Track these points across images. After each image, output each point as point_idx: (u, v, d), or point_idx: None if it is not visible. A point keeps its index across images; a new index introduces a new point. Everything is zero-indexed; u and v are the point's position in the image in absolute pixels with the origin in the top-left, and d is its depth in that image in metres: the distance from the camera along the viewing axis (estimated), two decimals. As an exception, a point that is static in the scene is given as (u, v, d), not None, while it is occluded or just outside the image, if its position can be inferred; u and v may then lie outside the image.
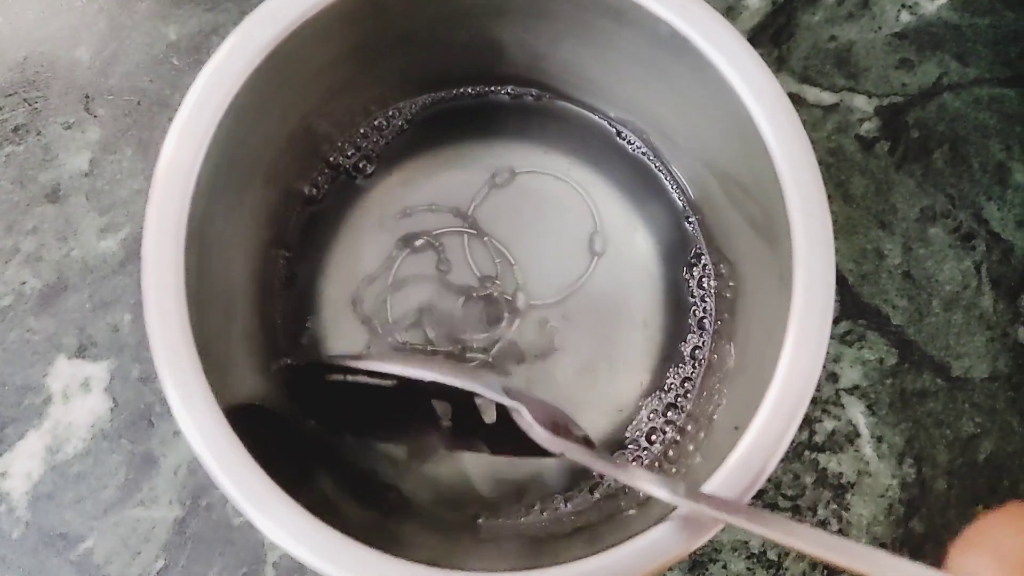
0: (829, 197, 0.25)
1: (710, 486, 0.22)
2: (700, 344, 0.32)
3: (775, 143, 0.24)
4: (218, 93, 0.24)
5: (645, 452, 0.31)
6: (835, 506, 0.33)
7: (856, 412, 0.34)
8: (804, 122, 0.36)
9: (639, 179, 0.33)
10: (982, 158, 0.36)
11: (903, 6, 0.37)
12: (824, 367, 0.34)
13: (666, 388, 0.31)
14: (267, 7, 0.24)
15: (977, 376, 0.34)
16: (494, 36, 0.29)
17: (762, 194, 0.25)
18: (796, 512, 0.33)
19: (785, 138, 0.24)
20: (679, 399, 0.31)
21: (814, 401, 0.34)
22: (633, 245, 0.33)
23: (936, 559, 0.33)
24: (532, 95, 0.33)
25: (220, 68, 0.24)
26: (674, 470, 0.28)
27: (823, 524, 0.33)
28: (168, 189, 0.23)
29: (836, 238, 0.35)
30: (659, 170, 0.33)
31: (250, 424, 0.24)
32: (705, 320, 0.32)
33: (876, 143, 0.36)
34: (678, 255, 0.32)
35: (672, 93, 0.28)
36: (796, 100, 0.36)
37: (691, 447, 0.29)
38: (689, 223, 0.32)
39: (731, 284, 0.31)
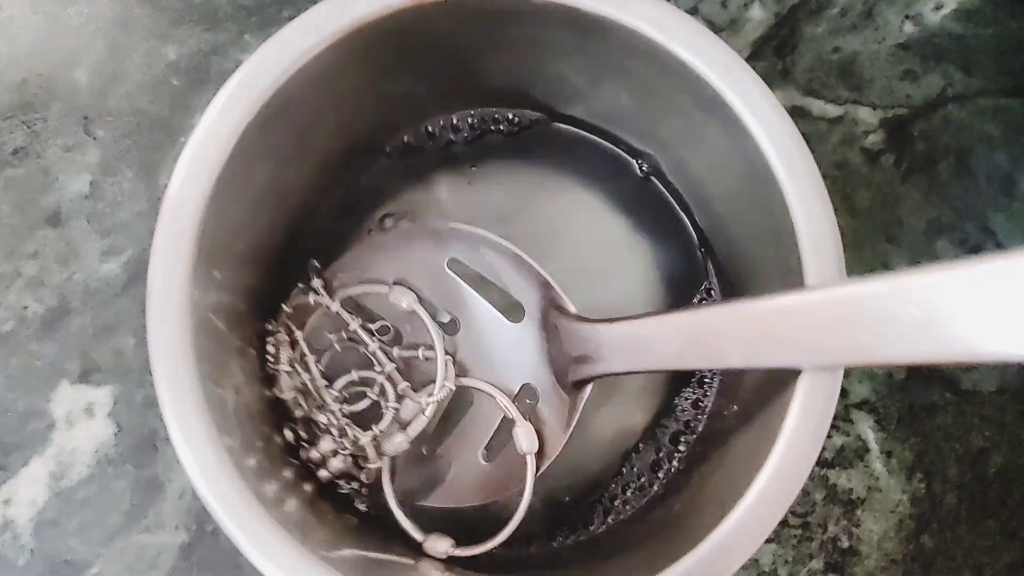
0: (835, 210, 0.24)
1: (729, 521, 0.22)
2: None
3: (790, 188, 0.23)
4: (228, 124, 0.23)
5: (645, 481, 0.30)
6: (845, 522, 0.33)
7: (865, 427, 0.34)
8: (809, 135, 0.36)
9: (651, 210, 0.32)
10: (988, 169, 0.35)
11: (906, 17, 0.37)
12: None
13: (676, 414, 0.31)
14: (282, 35, 0.24)
15: (986, 389, 0.34)
16: (512, 63, 0.29)
17: (773, 235, 0.24)
18: (806, 529, 0.33)
19: (798, 178, 0.23)
20: (691, 422, 0.31)
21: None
22: (641, 277, 0.32)
23: (947, 574, 0.33)
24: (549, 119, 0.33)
25: (231, 98, 0.23)
26: (677, 506, 0.28)
27: (834, 540, 0.33)
28: (175, 223, 0.23)
29: (843, 252, 0.35)
30: (673, 201, 0.32)
31: (255, 462, 0.24)
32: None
33: (881, 155, 0.36)
34: (687, 287, 0.32)
35: (681, 123, 0.27)
36: (801, 113, 0.36)
37: (699, 476, 0.28)
38: (700, 254, 0.32)
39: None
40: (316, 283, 0.29)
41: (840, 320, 0.19)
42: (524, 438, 0.28)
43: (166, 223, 0.22)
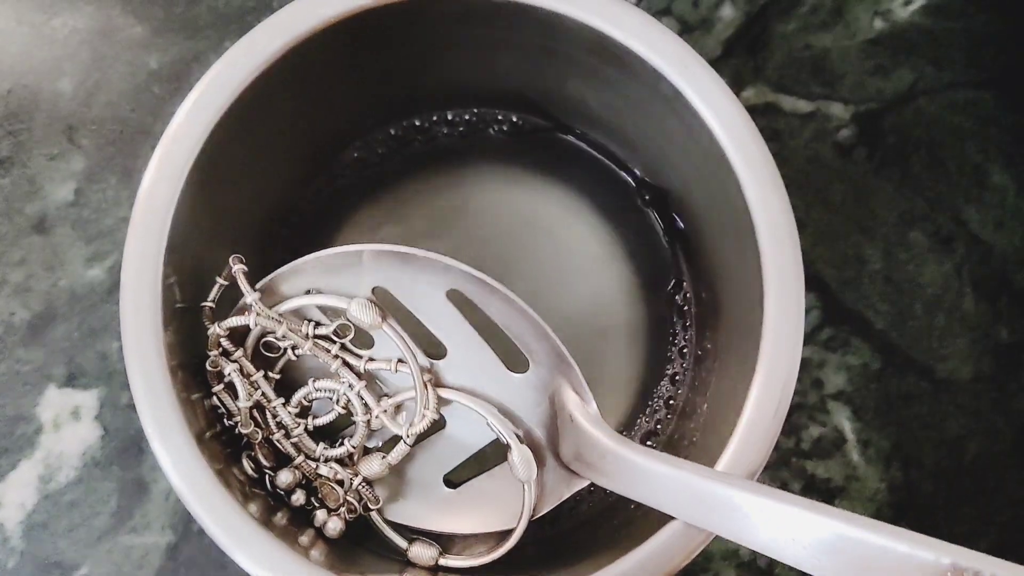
0: (809, 204, 0.25)
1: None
2: (684, 360, 0.32)
3: (747, 179, 0.23)
4: (198, 125, 0.23)
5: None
6: (824, 512, 0.33)
7: (842, 418, 0.34)
8: (782, 131, 0.37)
9: (623, 206, 0.33)
10: (959, 161, 0.36)
11: (876, 13, 0.37)
12: (809, 374, 0.34)
13: (647, 413, 0.31)
14: (249, 38, 0.24)
15: (961, 378, 0.34)
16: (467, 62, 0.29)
17: (734, 226, 0.25)
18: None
19: (754, 169, 0.23)
20: (659, 424, 0.31)
21: (800, 408, 0.34)
22: (613, 274, 0.32)
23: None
24: (520, 121, 0.33)
25: (201, 99, 0.24)
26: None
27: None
28: (147, 222, 0.23)
29: (817, 245, 0.35)
30: (644, 198, 0.33)
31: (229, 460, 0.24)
32: (688, 335, 0.32)
33: (853, 149, 0.36)
34: (659, 283, 0.32)
35: (646, 119, 0.28)
36: (773, 109, 0.36)
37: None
38: (672, 251, 0.32)
39: (713, 311, 0.30)
40: (251, 298, 0.24)
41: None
42: (521, 464, 0.24)
43: (138, 222, 0.23)
